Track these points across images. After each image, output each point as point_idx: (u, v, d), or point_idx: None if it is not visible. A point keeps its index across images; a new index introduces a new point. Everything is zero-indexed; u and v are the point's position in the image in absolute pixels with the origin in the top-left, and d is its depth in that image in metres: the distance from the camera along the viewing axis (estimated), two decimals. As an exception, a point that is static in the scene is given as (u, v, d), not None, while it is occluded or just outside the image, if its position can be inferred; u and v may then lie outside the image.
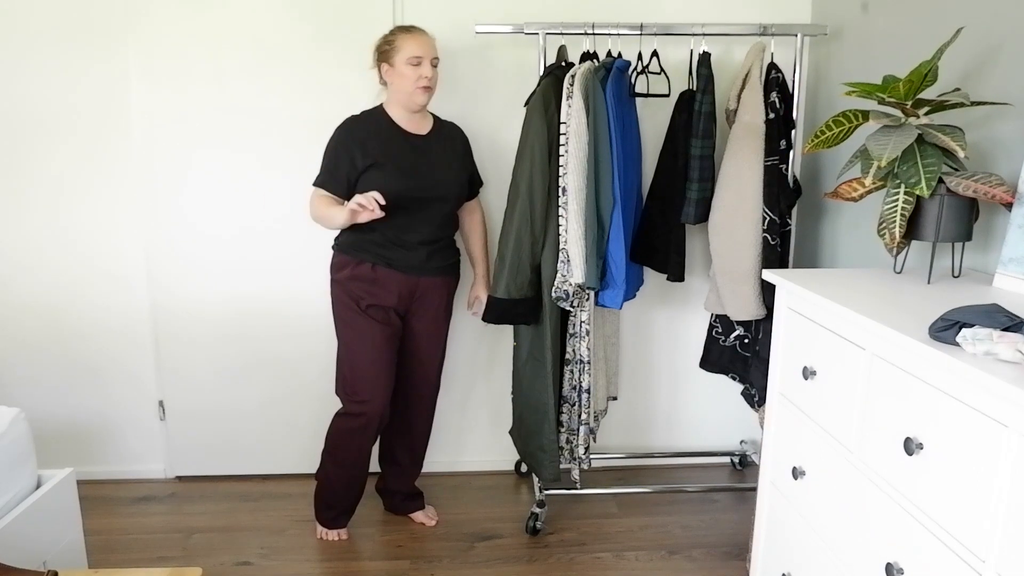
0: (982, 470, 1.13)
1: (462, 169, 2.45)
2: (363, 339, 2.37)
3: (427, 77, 2.26)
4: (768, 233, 2.37)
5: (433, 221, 2.37)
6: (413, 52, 2.25)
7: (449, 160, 2.41)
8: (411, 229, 2.34)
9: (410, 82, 2.26)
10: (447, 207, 2.41)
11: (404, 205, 2.29)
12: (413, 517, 2.66)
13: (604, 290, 2.39)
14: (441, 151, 2.40)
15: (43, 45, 2.63)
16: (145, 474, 2.96)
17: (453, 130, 2.49)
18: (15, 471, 1.85)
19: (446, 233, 2.45)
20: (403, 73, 2.26)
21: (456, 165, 2.43)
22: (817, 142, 1.80)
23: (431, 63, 2.28)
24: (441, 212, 2.39)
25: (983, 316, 1.22)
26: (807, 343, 1.68)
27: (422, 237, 2.37)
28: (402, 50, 2.26)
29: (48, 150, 2.70)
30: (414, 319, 2.48)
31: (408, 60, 2.25)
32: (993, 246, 1.80)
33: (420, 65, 2.26)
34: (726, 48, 2.71)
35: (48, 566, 1.84)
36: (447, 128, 2.48)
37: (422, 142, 2.37)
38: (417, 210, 2.33)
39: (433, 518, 2.66)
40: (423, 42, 2.28)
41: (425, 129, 2.39)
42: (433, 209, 2.36)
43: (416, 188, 2.31)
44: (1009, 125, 1.76)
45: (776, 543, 1.87)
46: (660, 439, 3.09)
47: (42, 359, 2.86)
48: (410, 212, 2.31)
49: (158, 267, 2.79)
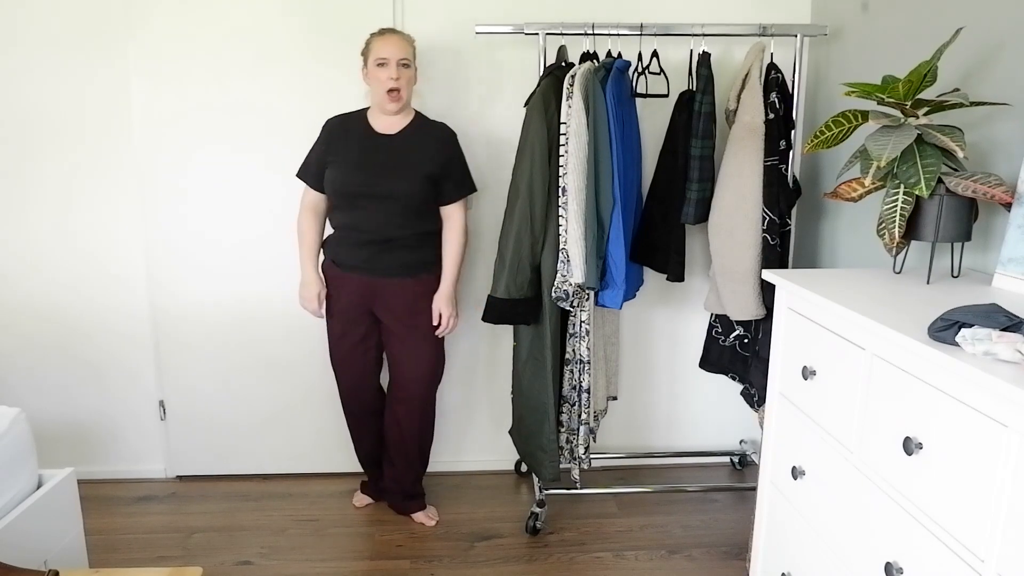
0: (982, 470, 1.14)
1: (420, 167, 2.36)
2: (332, 324, 2.56)
3: (392, 79, 2.28)
4: (768, 233, 2.37)
5: (378, 219, 2.36)
6: (379, 54, 2.29)
7: (409, 159, 2.37)
8: (357, 227, 2.40)
9: (380, 84, 2.31)
10: (394, 206, 2.35)
11: (350, 202, 2.37)
12: (413, 517, 2.67)
13: (604, 290, 2.39)
14: (404, 150, 2.38)
15: (44, 47, 2.63)
16: (145, 474, 2.97)
17: (432, 131, 2.44)
18: (15, 471, 1.85)
19: (401, 233, 2.39)
20: (374, 75, 2.32)
21: (416, 164, 2.36)
22: (817, 142, 1.81)
23: (398, 64, 2.29)
24: (388, 211, 2.35)
25: (982, 316, 1.22)
26: (807, 343, 1.68)
27: (368, 236, 2.38)
28: (372, 52, 2.32)
29: (49, 151, 2.70)
30: (382, 319, 2.51)
31: (375, 61, 2.30)
32: (992, 246, 1.81)
33: (386, 66, 2.29)
34: (726, 48, 2.71)
35: (48, 566, 1.84)
36: (425, 129, 2.43)
37: (387, 141, 2.38)
38: (362, 208, 2.37)
39: (433, 518, 2.66)
40: (390, 43, 2.30)
41: (396, 129, 2.40)
42: (379, 207, 2.35)
43: (360, 184, 2.35)
44: (1008, 125, 1.76)
45: (776, 543, 1.87)
46: (660, 439, 3.10)
47: (43, 359, 2.86)
48: (356, 210, 2.38)
49: (158, 267, 2.79)
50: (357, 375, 2.58)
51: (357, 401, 2.63)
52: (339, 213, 2.43)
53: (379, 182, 2.34)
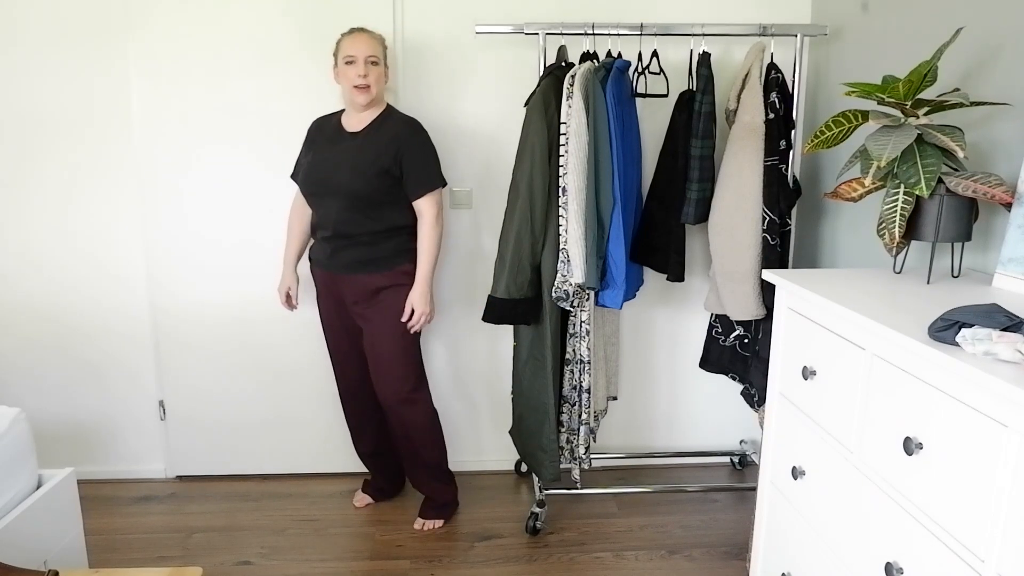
0: (982, 470, 1.14)
1: (372, 163, 2.32)
2: (321, 320, 2.62)
3: (360, 76, 2.30)
4: (768, 233, 2.37)
5: (330, 216, 2.39)
6: (347, 52, 2.32)
7: (364, 155, 2.33)
8: (319, 224, 2.47)
9: (348, 81, 2.33)
10: (347, 202, 2.34)
11: (311, 200, 2.46)
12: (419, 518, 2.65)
13: (604, 290, 2.39)
14: (359, 147, 2.36)
15: (44, 47, 2.63)
16: (145, 474, 2.97)
17: (393, 125, 2.38)
18: (15, 471, 1.85)
19: (358, 230, 2.37)
20: (343, 73, 2.34)
21: (365, 159, 2.32)
22: (817, 142, 1.81)
23: (366, 61, 2.31)
24: (339, 207, 2.36)
25: (982, 316, 1.22)
26: (807, 343, 1.68)
27: (325, 232, 2.44)
28: (341, 51, 2.35)
29: (49, 151, 2.70)
30: (354, 314, 2.52)
31: (344, 59, 2.33)
32: (993, 246, 1.81)
33: (354, 64, 2.31)
34: (726, 48, 2.71)
35: (48, 566, 1.84)
36: (389, 124, 2.39)
37: (349, 137, 2.40)
38: (318, 205, 2.43)
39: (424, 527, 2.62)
40: (358, 42, 2.32)
41: (361, 125, 2.40)
42: (330, 204, 2.38)
43: (315, 182, 2.40)
44: (1009, 125, 1.76)
45: (776, 543, 1.87)
46: (660, 439, 3.09)
47: (43, 359, 2.86)
48: (317, 207, 2.45)
49: (158, 267, 2.79)
50: (348, 369, 2.61)
51: (351, 396, 2.66)
52: (310, 211, 2.52)
53: (329, 179, 2.36)
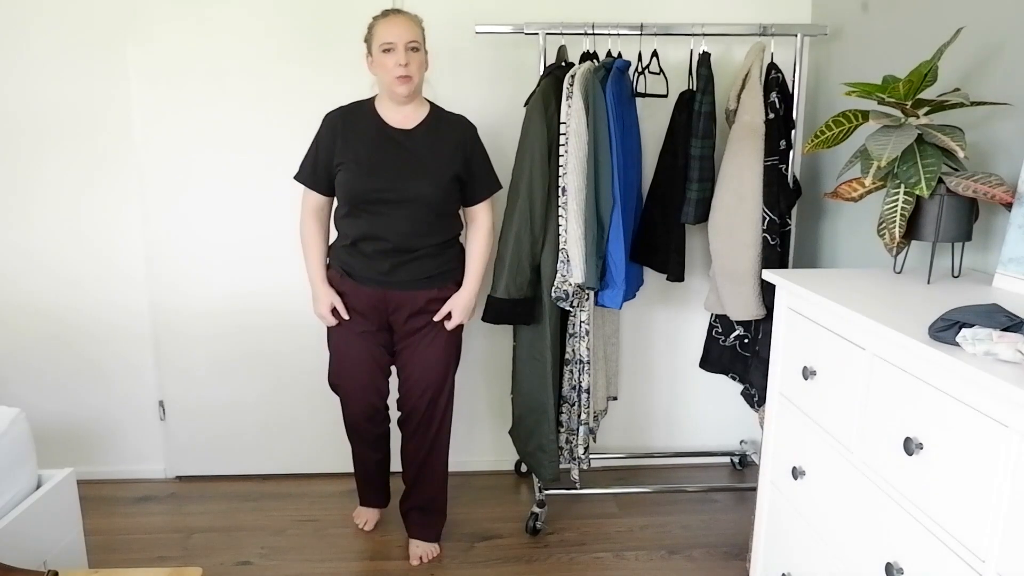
0: (982, 470, 1.13)
1: (446, 169, 2.15)
2: (338, 335, 2.30)
3: (401, 64, 2.04)
4: (768, 233, 2.37)
5: (399, 228, 2.12)
6: (384, 39, 2.06)
7: (431, 159, 2.14)
8: (373, 237, 2.14)
9: (387, 72, 2.07)
10: (418, 212, 2.13)
11: (365, 208, 2.13)
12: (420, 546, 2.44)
13: (604, 290, 2.39)
14: (425, 148, 2.15)
15: (44, 46, 2.63)
16: (145, 474, 2.96)
17: (453, 125, 2.21)
18: (15, 471, 1.85)
19: (424, 243, 2.16)
20: (381, 62, 2.09)
21: (439, 164, 2.14)
22: (817, 142, 1.81)
23: (407, 48, 2.05)
24: (410, 218, 2.12)
25: (983, 316, 1.22)
26: (807, 343, 1.68)
27: (386, 246, 2.15)
28: (376, 37, 2.09)
29: (49, 150, 2.70)
30: (396, 333, 2.30)
31: (381, 47, 2.07)
32: (993, 246, 1.80)
33: (394, 51, 2.05)
34: (726, 48, 2.71)
35: (48, 566, 1.84)
36: (445, 122, 2.21)
37: (404, 137, 2.15)
38: (380, 215, 2.12)
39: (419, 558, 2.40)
40: (396, 26, 2.06)
41: (413, 123, 2.17)
42: (399, 214, 2.12)
43: (380, 189, 2.10)
44: (1009, 125, 1.76)
45: (776, 543, 1.87)
46: (660, 439, 3.09)
47: (43, 359, 2.86)
48: (373, 217, 2.13)
49: (158, 267, 2.79)
50: (369, 395, 2.34)
51: (367, 419, 2.38)
52: (352, 220, 2.16)
53: (402, 186, 2.10)
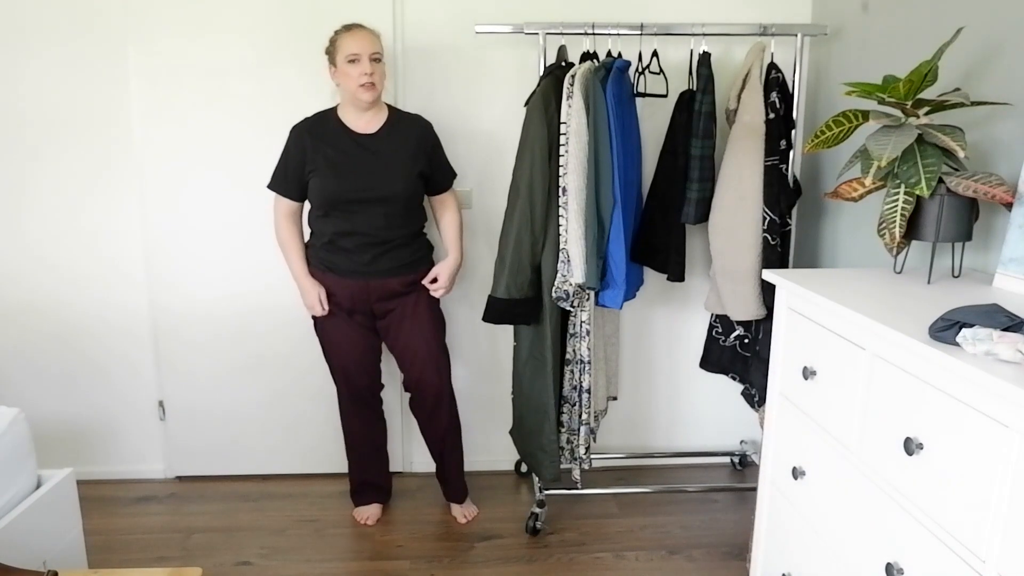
0: (982, 470, 1.13)
1: (412, 166, 2.36)
2: (327, 323, 2.49)
3: (366, 74, 2.24)
4: (768, 233, 2.37)
5: (375, 223, 2.34)
6: (350, 50, 2.24)
7: (396, 158, 2.35)
8: (351, 233, 2.36)
9: (352, 81, 2.26)
10: (392, 207, 2.35)
11: (342, 208, 2.33)
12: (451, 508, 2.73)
13: (604, 290, 2.39)
14: (389, 149, 2.35)
15: (44, 46, 2.63)
16: (145, 474, 2.96)
17: (411, 124, 2.42)
18: (15, 471, 1.85)
19: (398, 233, 2.39)
20: (345, 72, 2.27)
21: (404, 162, 2.35)
22: (817, 142, 1.80)
23: (370, 59, 2.25)
24: (385, 213, 2.34)
25: (983, 316, 1.22)
26: (807, 343, 1.68)
27: (364, 240, 2.36)
28: (341, 49, 2.27)
29: (48, 150, 2.70)
30: (385, 320, 2.50)
31: (347, 58, 2.25)
32: (993, 246, 1.80)
33: (358, 62, 2.24)
34: (726, 48, 2.71)
35: (48, 566, 1.84)
36: (404, 123, 2.41)
37: (369, 140, 2.35)
38: (356, 213, 2.33)
39: (466, 516, 2.70)
40: (360, 39, 2.25)
41: (375, 127, 2.36)
42: (374, 211, 2.33)
43: (352, 190, 2.30)
44: (1009, 125, 1.76)
45: (776, 543, 1.87)
46: (660, 439, 3.09)
47: (42, 359, 2.86)
48: (349, 215, 2.34)
49: (158, 267, 2.79)
50: (362, 378, 2.56)
51: (362, 404, 2.60)
52: (330, 219, 2.37)
53: (374, 185, 2.31)
